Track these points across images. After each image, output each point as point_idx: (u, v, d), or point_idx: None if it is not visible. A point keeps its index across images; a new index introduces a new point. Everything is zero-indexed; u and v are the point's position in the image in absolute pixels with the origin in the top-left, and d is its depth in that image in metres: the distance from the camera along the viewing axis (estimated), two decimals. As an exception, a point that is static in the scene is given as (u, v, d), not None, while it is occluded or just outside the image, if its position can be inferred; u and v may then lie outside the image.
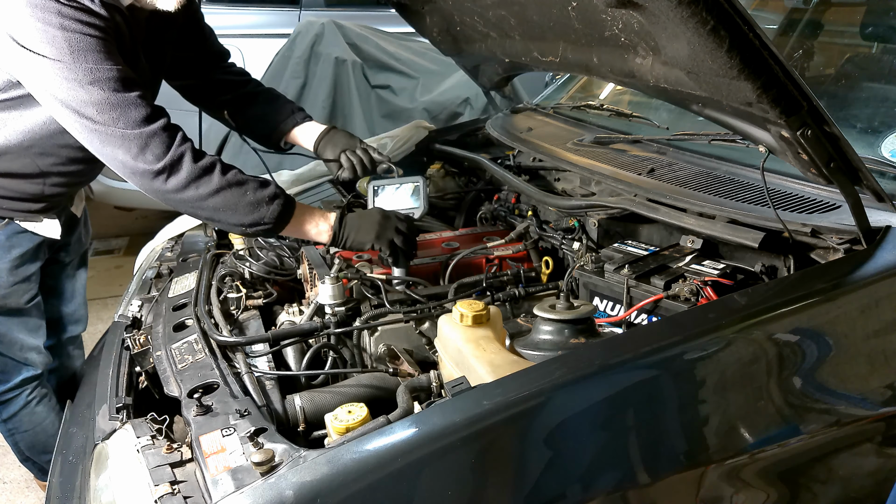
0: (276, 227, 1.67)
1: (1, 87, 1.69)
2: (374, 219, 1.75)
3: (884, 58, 2.12)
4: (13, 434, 2.18)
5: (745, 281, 1.48)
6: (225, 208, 1.61)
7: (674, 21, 1.22)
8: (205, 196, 1.58)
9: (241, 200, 1.61)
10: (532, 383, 1.12)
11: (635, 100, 2.39)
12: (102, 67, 1.52)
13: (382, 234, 1.72)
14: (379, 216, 1.75)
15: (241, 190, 1.60)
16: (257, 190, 1.63)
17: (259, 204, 1.62)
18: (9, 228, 1.90)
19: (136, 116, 1.53)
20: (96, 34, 1.53)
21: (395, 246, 1.74)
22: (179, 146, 1.57)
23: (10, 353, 2.04)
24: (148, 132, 1.54)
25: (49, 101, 1.57)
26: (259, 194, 1.63)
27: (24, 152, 1.78)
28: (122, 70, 1.55)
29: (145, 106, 1.56)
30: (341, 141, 2.03)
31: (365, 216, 1.77)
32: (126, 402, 1.47)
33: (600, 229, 1.82)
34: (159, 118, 1.57)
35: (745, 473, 1.21)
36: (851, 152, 1.31)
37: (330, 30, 3.87)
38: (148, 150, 1.54)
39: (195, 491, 1.12)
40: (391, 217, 1.76)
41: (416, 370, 1.48)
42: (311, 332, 1.59)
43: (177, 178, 1.56)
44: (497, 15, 1.89)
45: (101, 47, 1.53)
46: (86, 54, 1.51)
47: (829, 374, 1.28)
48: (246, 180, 1.63)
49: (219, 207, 1.61)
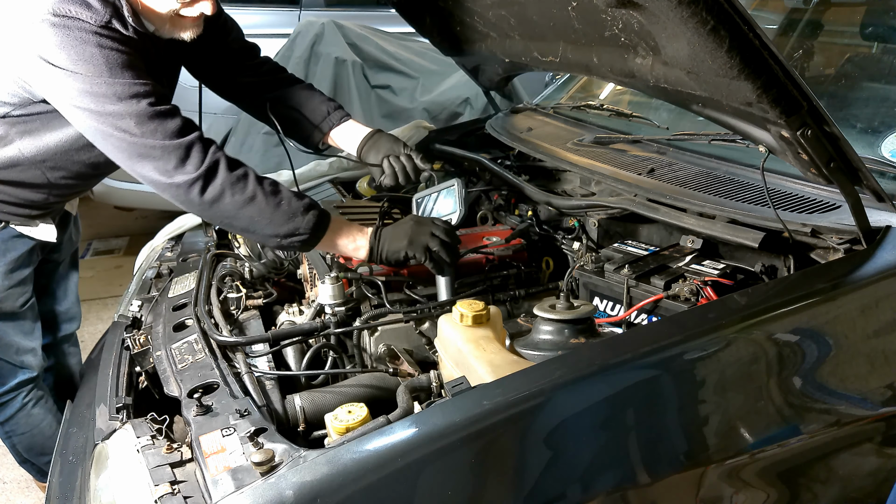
0: (312, 238, 1.62)
1: (19, 103, 1.70)
2: (406, 226, 1.68)
3: (884, 58, 2.12)
4: (10, 437, 2.18)
5: (745, 281, 1.48)
6: (260, 218, 1.58)
7: (674, 21, 1.22)
8: (241, 204, 1.56)
9: (277, 210, 1.57)
10: (532, 383, 1.12)
11: (635, 100, 2.39)
12: (139, 82, 1.54)
13: (416, 239, 1.64)
14: (412, 222, 1.69)
15: (276, 199, 1.57)
16: (292, 200, 1.59)
17: (295, 214, 1.58)
18: (4, 233, 1.90)
19: (173, 127, 1.54)
20: (130, 51, 1.56)
21: (432, 252, 1.65)
22: (214, 154, 1.56)
23: (6, 356, 2.04)
24: (186, 142, 1.54)
25: (83, 118, 1.56)
26: (295, 204, 1.59)
27: (37, 165, 1.80)
28: (155, 85, 1.57)
29: (180, 118, 1.57)
30: (385, 145, 1.95)
31: (398, 225, 1.70)
32: (126, 402, 1.47)
33: (600, 229, 1.82)
34: (194, 129, 1.57)
35: (745, 473, 1.21)
36: (851, 152, 1.31)
37: (330, 30, 3.87)
38: (188, 160, 1.53)
39: (195, 491, 1.12)
40: (425, 222, 1.68)
41: (416, 370, 1.48)
42: (311, 332, 1.59)
43: (213, 187, 1.54)
44: (497, 15, 1.89)
45: (135, 64, 1.56)
46: (123, 70, 1.53)
47: (829, 374, 1.28)
48: (280, 190, 1.59)
49: (254, 217, 1.58)
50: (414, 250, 1.65)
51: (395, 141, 1.96)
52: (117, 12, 1.55)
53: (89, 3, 1.52)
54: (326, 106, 2.01)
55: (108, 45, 1.52)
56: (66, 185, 1.87)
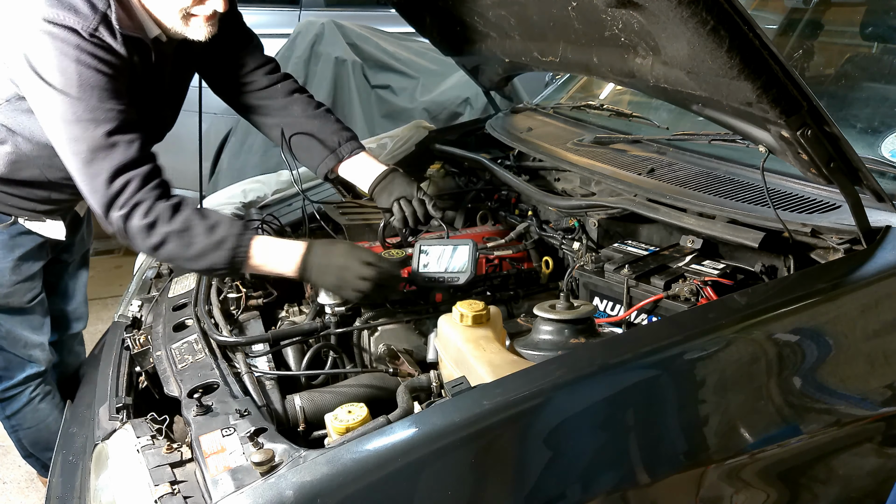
0: (232, 271, 1.61)
1: (14, 97, 1.71)
2: (336, 262, 1.57)
3: (884, 58, 2.12)
4: (16, 430, 2.20)
5: (745, 281, 1.48)
6: (176, 258, 1.60)
7: (674, 21, 1.22)
8: (153, 245, 1.56)
9: (188, 250, 1.55)
10: (532, 383, 1.12)
11: (635, 100, 2.39)
12: (103, 107, 1.54)
13: (344, 284, 1.55)
14: (341, 259, 1.56)
15: (188, 237, 1.55)
16: (206, 236, 1.55)
17: (206, 252, 1.55)
18: (13, 228, 1.92)
19: (117, 161, 1.54)
20: (108, 72, 1.55)
21: (363, 294, 1.56)
22: (138, 197, 1.54)
23: (14, 349, 2.06)
24: (121, 181, 1.54)
25: (46, 126, 1.59)
26: (206, 241, 1.55)
27: (33, 161, 1.81)
28: (122, 112, 1.56)
29: (133, 151, 1.55)
30: (399, 188, 1.88)
31: (330, 254, 1.58)
32: (126, 402, 1.48)
33: (600, 229, 1.82)
34: (139, 166, 1.55)
35: (745, 473, 1.21)
36: (851, 152, 1.31)
37: (330, 30, 3.87)
38: (116, 200, 1.54)
39: (195, 491, 1.12)
40: (353, 263, 1.55)
41: (416, 370, 1.48)
42: (311, 332, 1.59)
43: (129, 227, 1.56)
44: (497, 15, 1.89)
45: (109, 86, 1.55)
46: (92, 90, 1.53)
47: (829, 374, 1.28)
48: (191, 227, 1.55)
49: (170, 258, 1.61)
50: (344, 295, 1.60)
51: (409, 182, 1.89)
52: (106, 19, 1.55)
53: (78, 9, 1.53)
54: (339, 136, 1.95)
55: (86, 62, 1.52)
56: (67, 185, 1.87)
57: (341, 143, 1.94)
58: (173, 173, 1.71)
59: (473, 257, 1.70)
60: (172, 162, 2.75)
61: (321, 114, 1.99)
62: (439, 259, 1.72)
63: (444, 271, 1.69)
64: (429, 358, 1.55)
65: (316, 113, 1.98)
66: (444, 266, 1.70)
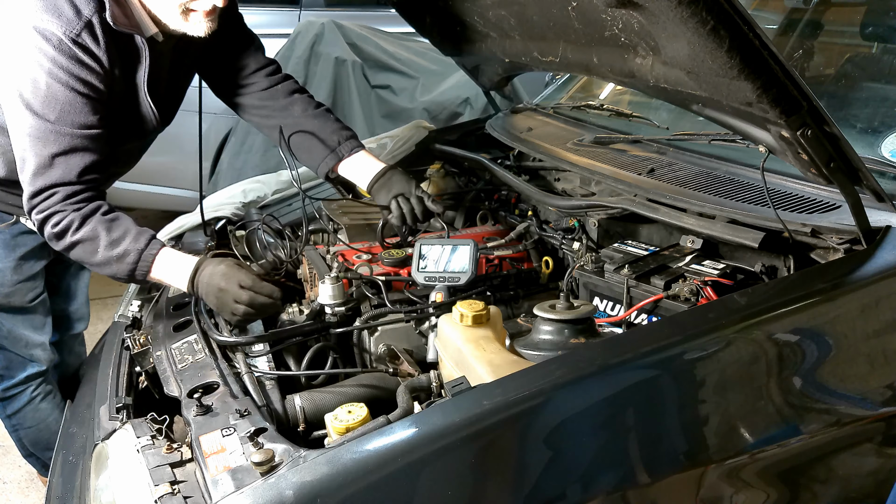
0: (131, 281, 1.69)
1: None
2: (217, 283, 1.59)
3: (884, 58, 2.12)
4: (17, 430, 2.20)
5: (745, 281, 1.48)
6: (82, 261, 1.67)
7: (674, 21, 1.22)
8: (62, 249, 1.64)
9: (92, 258, 1.63)
10: (532, 383, 1.12)
11: (635, 100, 2.39)
12: (56, 129, 1.59)
13: (222, 307, 1.59)
14: (222, 282, 1.58)
15: (92, 246, 1.62)
16: (107, 248, 1.62)
17: (109, 262, 1.63)
18: (14, 228, 1.93)
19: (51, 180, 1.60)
20: (79, 88, 1.59)
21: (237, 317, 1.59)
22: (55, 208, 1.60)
23: (16, 349, 2.06)
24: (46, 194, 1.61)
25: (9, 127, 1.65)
26: (108, 253, 1.62)
27: None
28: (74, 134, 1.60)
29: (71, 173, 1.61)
30: (397, 185, 1.90)
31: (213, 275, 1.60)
32: (126, 402, 1.48)
33: (600, 229, 1.82)
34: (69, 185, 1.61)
35: (745, 473, 1.21)
36: (851, 152, 1.31)
37: (330, 30, 3.87)
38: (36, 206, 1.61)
39: (195, 491, 1.13)
40: (231, 286, 1.57)
41: (416, 370, 1.48)
42: (311, 332, 1.59)
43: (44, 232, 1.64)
44: (497, 15, 1.89)
45: (75, 101, 1.59)
46: (54, 107, 1.58)
47: (829, 374, 1.28)
48: (95, 237, 1.61)
49: (78, 258, 1.66)
50: (223, 316, 1.63)
51: (407, 180, 1.91)
52: (90, 25, 1.57)
53: (62, 13, 1.55)
54: (338, 135, 1.96)
55: (57, 76, 1.57)
56: None
57: (341, 142, 1.95)
58: (173, 173, 1.71)
59: (474, 257, 1.70)
60: (172, 162, 2.75)
61: (321, 113, 2.00)
62: (439, 259, 1.72)
63: (443, 271, 1.69)
64: (429, 358, 1.56)
65: (316, 112, 1.99)
66: (444, 266, 1.70)
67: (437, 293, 1.65)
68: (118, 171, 1.98)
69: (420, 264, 1.71)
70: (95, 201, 1.65)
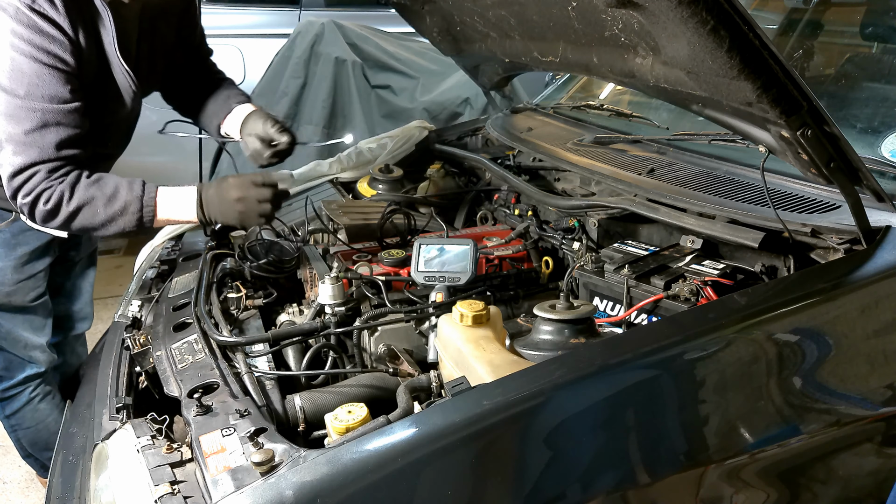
0: (141, 230, 1.69)
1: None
2: (232, 195, 1.67)
3: (884, 58, 2.12)
4: (16, 430, 2.20)
5: (745, 281, 1.48)
6: (87, 228, 1.67)
7: (674, 21, 1.22)
8: (61, 224, 1.65)
9: (95, 220, 1.64)
10: (532, 383, 1.12)
11: (635, 100, 2.39)
12: (26, 105, 1.57)
13: (248, 214, 1.67)
14: (236, 192, 1.66)
15: (91, 210, 1.63)
16: (107, 206, 1.63)
17: (113, 219, 1.64)
18: (15, 226, 1.91)
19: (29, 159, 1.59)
20: (42, 58, 1.58)
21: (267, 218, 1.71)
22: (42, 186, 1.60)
23: (14, 350, 2.05)
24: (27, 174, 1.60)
25: None
26: (109, 210, 1.63)
27: None
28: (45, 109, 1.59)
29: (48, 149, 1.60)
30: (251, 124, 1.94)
31: (224, 191, 1.68)
32: (126, 402, 1.47)
33: (600, 229, 1.82)
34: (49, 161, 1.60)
35: (745, 473, 1.21)
36: (851, 152, 1.31)
37: (330, 30, 3.87)
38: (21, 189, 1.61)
39: (195, 491, 1.12)
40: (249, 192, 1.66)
41: (416, 370, 1.48)
42: (311, 332, 1.59)
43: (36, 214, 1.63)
44: (497, 15, 1.89)
45: (41, 73, 1.58)
46: (21, 80, 1.57)
47: (829, 374, 1.28)
48: (92, 201, 1.62)
49: (81, 227, 1.67)
50: (249, 223, 1.71)
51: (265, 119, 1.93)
52: None
53: None
54: (230, 94, 2.03)
55: (19, 48, 1.56)
56: None
57: (230, 98, 2.02)
58: (173, 173, 1.72)
59: (473, 257, 1.70)
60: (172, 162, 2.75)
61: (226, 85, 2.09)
62: (439, 259, 1.72)
63: (443, 271, 1.68)
64: (429, 358, 1.55)
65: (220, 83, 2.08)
66: (444, 266, 1.70)
67: (437, 293, 1.65)
68: (107, 152, 1.98)
69: (420, 264, 1.71)
70: (76, 171, 1.64)
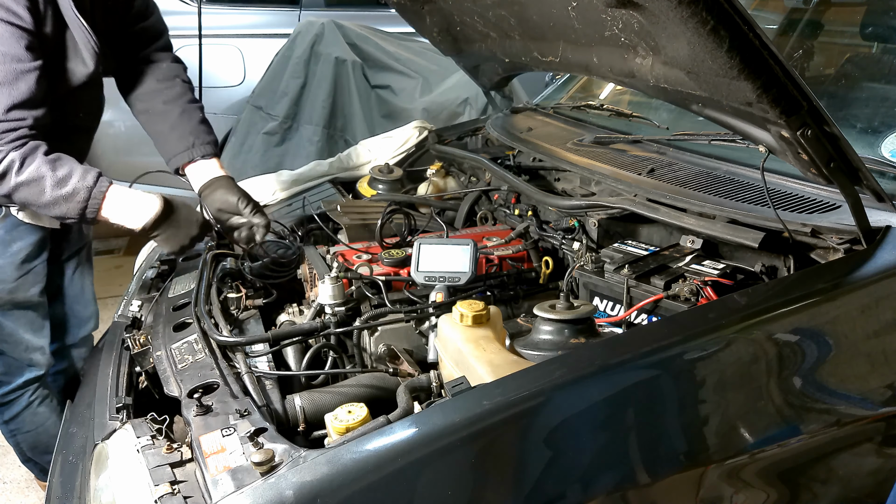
0: (83, 221, 1.70)
1: None
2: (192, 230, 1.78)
3: (884, 58, 2.12)
4: (15, 435, 2.18)
5: (745, 281, 1.48)
6: (29, 205, 1.69)
7: (674, 21, 1.22)
8: (4, 196, 1.66)
9: (40, 198, 1.64)
10: (532, 383, 1.12)
11: (635, 100, 2.39)
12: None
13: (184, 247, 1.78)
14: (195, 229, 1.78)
15: (38, 187, 1.63)
16: (55, 188, 1.63)
17: (57, 202, 1.64)
18: (8, 222, 1.90)
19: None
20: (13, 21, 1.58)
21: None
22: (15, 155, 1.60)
23: (15, 353, 2.03)
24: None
25: None
26: (56, 192, 1.63)
27: None
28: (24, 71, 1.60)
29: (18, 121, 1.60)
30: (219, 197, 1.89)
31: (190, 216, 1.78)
32: (126, 402, 1.48)
33: (600, 229, 1.82)
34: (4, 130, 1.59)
35: (745, 473, 1.21)
36: (851, 152, 1.31)
37: (330, 30, 3.87)
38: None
39: (195, 491, 1.12)
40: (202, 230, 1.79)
41: (416, 370, 1.48)
42: (311, 332, 1.59)
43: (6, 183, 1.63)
44: (497, 15, 1.89)
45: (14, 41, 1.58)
46: None
47: (829, 374, 1.28)
48: (41, 178, 1.62)
49: (24, 204, 1.70)
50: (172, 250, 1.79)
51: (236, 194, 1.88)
52: None
53: None
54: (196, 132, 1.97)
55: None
56: None
57: (196, 145, 1.97)
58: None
59: (473, 257, 1.70)
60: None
61: (189, 110, 2.01)
62: (439, 259, 1.72)
63: (443, 271, 1.68)
64: (429, 358, 1.56)
65: (186, 106, 2.01)
66: (444, 266, 1.70)
67: (437, 293, 1.65)
68: (81, 123, 1.98)
69: (420, 264, 1.71)
70: (34, 141, 1.63)
